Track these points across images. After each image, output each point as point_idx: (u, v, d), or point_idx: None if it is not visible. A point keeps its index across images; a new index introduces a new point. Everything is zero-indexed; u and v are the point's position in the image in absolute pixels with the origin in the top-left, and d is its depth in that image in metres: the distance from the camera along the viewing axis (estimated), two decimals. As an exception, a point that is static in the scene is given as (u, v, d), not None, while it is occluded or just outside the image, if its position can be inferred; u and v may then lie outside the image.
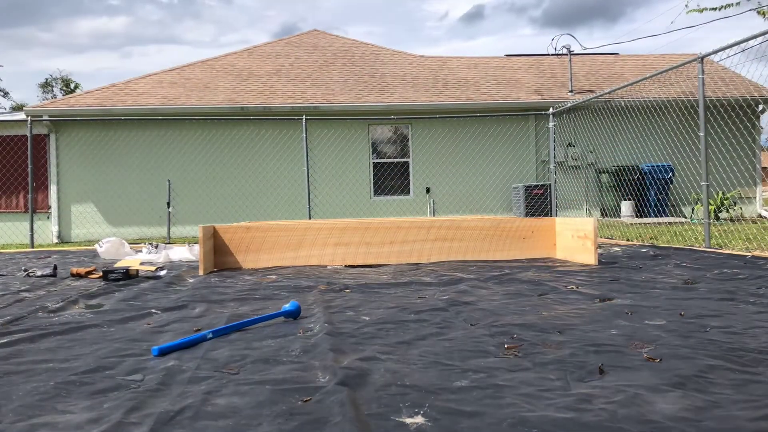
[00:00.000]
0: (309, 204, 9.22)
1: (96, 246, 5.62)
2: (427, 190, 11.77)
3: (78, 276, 3.90)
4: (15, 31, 74.87)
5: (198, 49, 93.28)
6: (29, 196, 8.74)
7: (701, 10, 12.11)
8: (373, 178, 11.76)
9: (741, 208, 10.92)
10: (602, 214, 11.80)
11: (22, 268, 4.51)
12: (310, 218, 9.37)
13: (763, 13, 11.30)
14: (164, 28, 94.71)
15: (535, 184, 10.96)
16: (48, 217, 11.27)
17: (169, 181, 10.03)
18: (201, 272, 3.99)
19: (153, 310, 2.56)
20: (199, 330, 2.12)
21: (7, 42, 72.87)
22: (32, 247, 8.40)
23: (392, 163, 11.88)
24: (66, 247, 8.00)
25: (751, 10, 11.76)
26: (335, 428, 1.16)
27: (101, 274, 3.74)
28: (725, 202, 10.62)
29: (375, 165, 11.80)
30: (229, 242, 4.41)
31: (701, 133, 5.53)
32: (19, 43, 75.27)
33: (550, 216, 9.77)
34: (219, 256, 4.40)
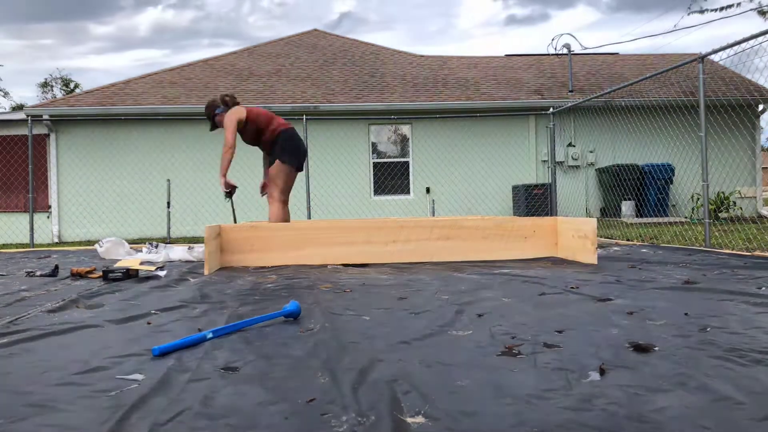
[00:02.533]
0: (309, 204, 9.22)
1: (96, 246, 5.62)
2: (427, 190, 11.78)
3: (78, 276, 3.90)
4: (69, 24, 74.08)
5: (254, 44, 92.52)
6: (29, 195, 8.74)
7: (702, 11, 12.12)
8: (374, 178, 11.76)
9: (741, 208, 10.93)
10: (602, 214, 11.80)
11: (23, 268, 4.51)
12: (309, 218, 9.38)
13: (764, 13, 11.30)
14: (228, 22, 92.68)
15: (535, 183, 10.96)
16: (48, 217, 11.27)
17: (168, 180, 10.03)
18: (206, 272, 3.99)
19: (153, 310, 2.56)
20: (199, 330, 2.12)
21: (64, 35, 72.10)
22: (32, 246, 8.40)
23: (392, 162, 11.88)
24: (66, 247, 8.00)
25: (752, 10, 11.77)
26: (336, 428, 1.16)
27: (101, 273, 3.74)
28: (725, 201, 10.62)
29: (375, 165, 11.80)
30: (235, 241, 4.42)
31: (701, 133, 5.53)
32: (76, 37, 74.48)
33: (551, 216, 9.77)
34: (223, 255, 4.40)
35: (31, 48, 68.18)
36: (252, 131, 4.89)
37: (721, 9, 12.54)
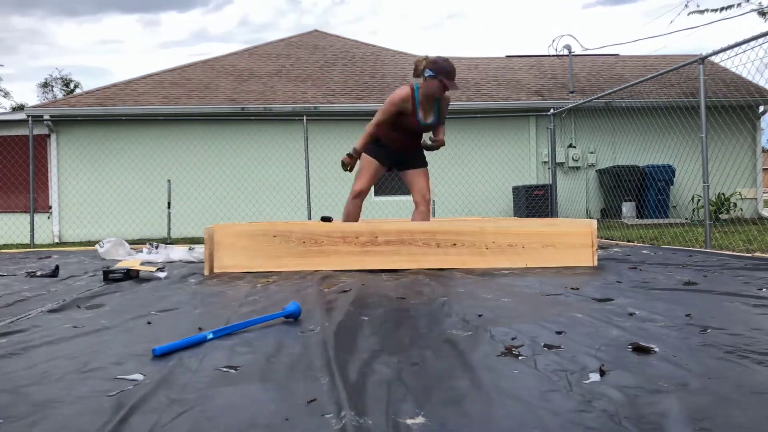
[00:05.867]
0: (309, 205, 9.22)
1: (96, 246, 5.62)
2: (428, 191, 11.77)
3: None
4: (147, 15, 72.75)
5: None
6: (30, 196, 8.75)
7: (702, 11, 12.13)
8: (374, 179, 11.76)
9: (742, 209, 10.92)
10: (603, 215, 11.80)
11: (23, 269, 4.51)
12: (309, 219, 9.38)
13: (764, 14, 11.29)
14: (315, 16, 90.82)
15: (535, 184, 10.96)
16: (48, 217, 11.28)
17: (169, 181, 10.03)
18: (206, 272, 3.99)
19: (153, 311, 2.56)
20: (199, 330, 2.12)
21: (137, 28, 70.98)
22: (33, 246, 8.41)
23: (393, 163, 11.87)
24: (66, 248, 8.01)
25: (752, 11, 11.77)
26: (336, 428, 1.16)
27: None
28: (726, 203, 10.62)
29: (375, 165, 11.79)
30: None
31: (702, 135, 5.53)
32: (148, 29, 73.28)
33: (551, 217, 9.76)
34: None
35: (96, 43, 67.45)
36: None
37: (721, 9, 12.54)
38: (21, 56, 61.64)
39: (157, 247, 5.16)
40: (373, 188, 11.70)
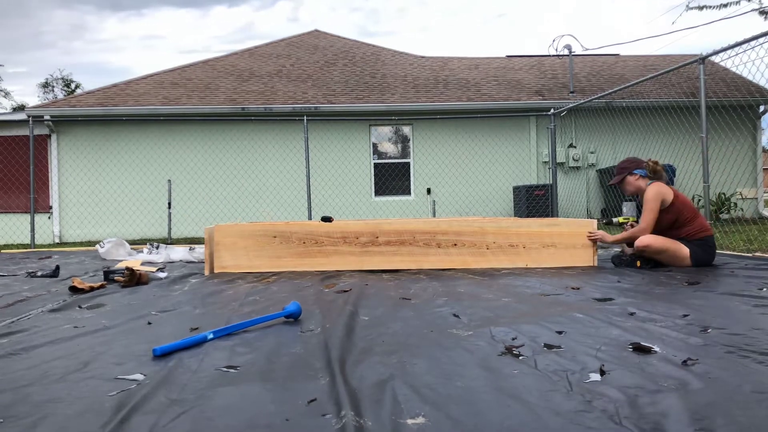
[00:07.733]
0: (309, 204, 9.22)
1: (97, 246, 5.62)
2: (428, 191, 11.77)
3: (81, 291, 3.28)
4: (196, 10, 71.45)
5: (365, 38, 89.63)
6: (30, 196, 8.75)
7: (701, 7, 12.13)
8: (374, 179, 11.76)
9: (742, 209, 10.92)
10: (603, 215, 11.80)
11: (24, 269, 4.51)
12: (310, 219, 9.38)
13: (765, 14, 11.28)
14: (364, 13, 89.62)
15: (536, 184, 10.96)
16: (49, 217, 11.27)
17: (169, 181, 10.03)
18: (206, 272, 3.99)
19: (153, 311, 2.56)
20: (200, 330, 2.12)
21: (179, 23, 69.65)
22: (33, 247, 8.41)
23: (393, 163, 11.88)
24: (67, 248, 8.01)
25: (753, 10, 11.77)
26: (337, 429, 1.16)
27: (102, 284, 3.73)
28: (726, 203, 10.61)
29: (376, 165, 11.80)
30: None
31: (702, 134, 5.53)
32: (191, 25, 71.89)
33: (552, 217, 9.75)
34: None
35: (139, 39, 66.48)
36: (669, 220, 4.05)
37: (720, 7, 12.54)
38: (53, 51, 60.87)
39: (157, 248, 5.16)
40: (373, 188, 11.70)
